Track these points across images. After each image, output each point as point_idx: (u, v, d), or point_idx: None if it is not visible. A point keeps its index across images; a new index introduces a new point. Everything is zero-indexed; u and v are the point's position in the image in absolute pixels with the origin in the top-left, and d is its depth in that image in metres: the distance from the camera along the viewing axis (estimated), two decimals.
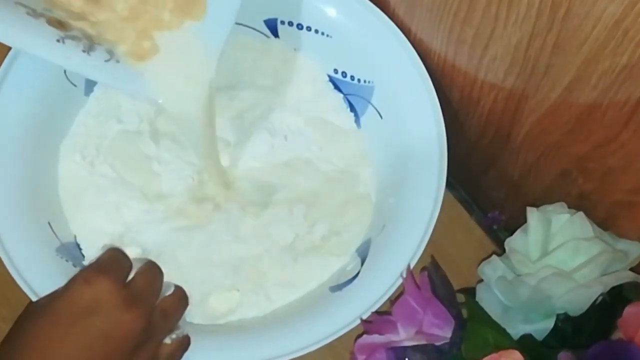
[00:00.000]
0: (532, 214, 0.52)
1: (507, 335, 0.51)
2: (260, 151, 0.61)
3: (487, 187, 0.67)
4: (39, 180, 0.58)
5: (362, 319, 0.52)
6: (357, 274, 0.55)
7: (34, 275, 0.53)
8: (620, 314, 0.46)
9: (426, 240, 0.54)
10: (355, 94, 0.62)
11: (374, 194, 0.60)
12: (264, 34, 0.63)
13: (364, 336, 0.52)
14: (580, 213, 0.52)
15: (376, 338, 0.52)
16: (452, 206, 0.61)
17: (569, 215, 0.52)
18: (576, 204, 0.53)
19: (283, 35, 0.63)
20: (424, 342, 0.50)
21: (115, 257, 0.48)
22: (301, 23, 0.61)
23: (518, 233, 0.53)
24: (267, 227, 0.58)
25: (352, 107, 0.63)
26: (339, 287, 0.56)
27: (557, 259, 0.51)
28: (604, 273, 0.50)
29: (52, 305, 0.45)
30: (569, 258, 0.50)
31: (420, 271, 0.53)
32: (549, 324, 0.51)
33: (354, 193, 0.60)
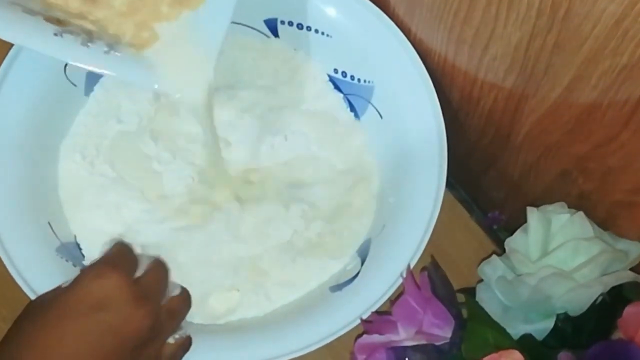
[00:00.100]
0: (532, 213, 0.52)
1: (507, 335, 0.51)
2: (260, 151, 0.61)
3: (487, 187, 0.67)
4: (39, 180, 0.58)
5: (362, 319, 0.52)
6: (357, 274, 0.55)
7: (34, 275, 0.53)
8: (620, 314, 0.46)
9: (426, 240, 0.54)
10: (355, 93, 0.62)
11: (374, 194, 0.60)
12: (264, 33, 0.63)
13: (364, 336, 0.52)
14: (580, 213, 0.52)
15: (376, 338, 0.52)
16: (452, 206, 0.61)
17: (569, 215, 0.52)
18: (576, 203, 0.53)
19: (283, 35, 0.63)
20: (424, 342, 0.50)
21: (124, 251, 0.47)
22: (301, 23, 0.61)
23: (518, 233, 0.53)
24: (267, 227, 0.58)
25: (352, 107, 0.63)
26: (339, 287, 0.56)
27: (557, 258, 0.51)
28: (604, 273, 0.50)
29: (60, 299, 0.44)
30: (569, 258, 0.50)
31: (420, 271, 0.53)
32: (549, 324, 0.51)
33: (353, 193, 0.60)
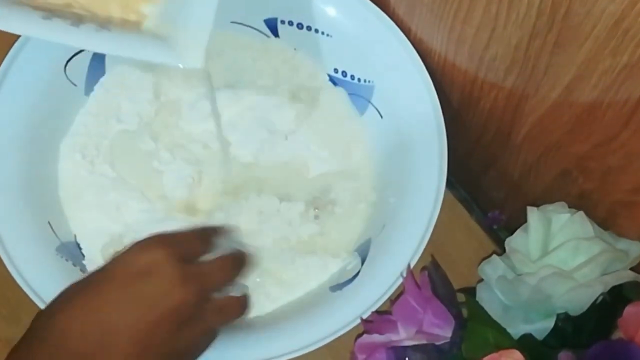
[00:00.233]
0: (533, 213, 0.52)
1: (508, 334, 0.51)
2: (261, 150, 0.61)
3: (487, 186, 0.67)
4: (39, 179, 0.58)
5: (362, 319, 0.52)
6: (357, 274, 0.55)
7: (34, 274, 0.53)
8: (620, 313, 0.46)
9: (426, 239, 0.54)
10: (356, 93, 0.62)
11: (374, 194, 0.60)
12: (264, 33, 0.63)
13: (364, 336, 0.52)
14: (581, 212, 0.52)
15: (376, 338, 0.51)
16: (452, 206, 0.62)
17: (569, 214, 0.52)
18: (576, 203, 0.53)
19: (283, 35, 0.63)
20: (424, 342, 0.50)
21: (185, 233, 0.49)
22: (301, 22, 0.61)
23: (518, 232, 0.53)
24: (267, 226, 0.58)
25: (352, 107, 0.63)
26: (339, 286, 0.56)
27: (557, 258, 0.50)
28: (605, 272, 0.50)
29: (106, 267, 0.46)
30: (570, 257, 0.50)
31: (421, 271, 0.53)
32: (549, 324, 0.51)
33: (353, 192, 0.60)
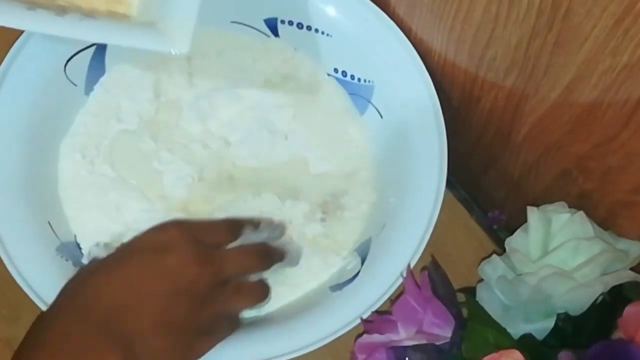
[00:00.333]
0: (533, 213, 0.52)
1: (508, 334, 0.51)
2: (261, 150, 0.61)
3: (487, 186, 0.67)
4: (39, 179, 0.58)
5: (362, 319, 0.52)
6: (357, 274, 0.55)
7: (34, 274, 0.53)
8: (620, 313, 0.46)
9: (426, 239, 0.54)
10: (356, 93, 0.62)
11: (374, 194, 0.60)
12: (264, 33, 0.63)
13: (364, 336, 0.52)
14: (581, 212, 0.52)
15: (376, 338, 0.51)
16: (452, 206, 0.61)
17: (569, 214, 0.52)
18: (576, 203, 0.53)
19: (283, 35, 0.63)
20: (424, 342, 0.50)
21: (207, 221, 0.52)
22: (301, 22, 0.61)
23: (518, 232, 0.53)
24: None
25: (352, 106, 0.63)
26: (339, 286, 0.56)
27: (557, 258, 0.50)
28: (605, 272, 0.50)
29: (126, 244, 0.49)
30: (570, 257, 0.50)
31: (421, 271, 0.53)
32: (549, 324, 0.51)
33: (353, 192, 0.60)
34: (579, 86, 0.47)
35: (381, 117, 0.61)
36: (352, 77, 0.62)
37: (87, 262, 0.54)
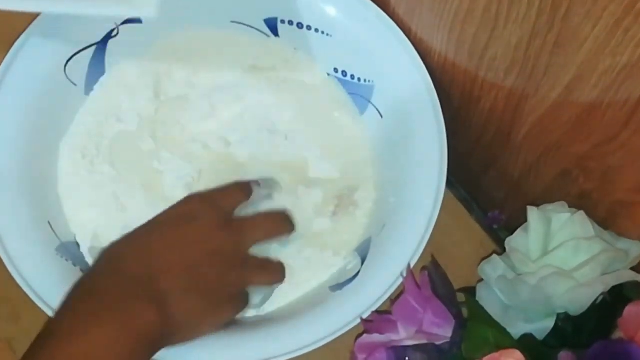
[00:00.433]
0: (533, 213, 0.52)
1: (508, 334, 0.51)
2: (261, 150, 0.61)
3: (487, 186, 0.67)
4: (39, 179, 0.58)
5: (363, 319, 0.52)
6: (357, 273, 0.55)
7: (34, 274, 0.53)
8: (620, 313, 0.46)
9: (426, 239, 0.54)
10: (356, 93, 0.62)
11: (374, 193, 0.60)
12: (264, 33, 0.63)
13: (364, 335, 0.52)
14: (581, 212, 0.52)
15: (376, 337, 0.52)
16: (452, 205, 0.61)
17: (569, 214, 0.52)
18: (576, 203, 0.53)
19: (283, 35, 0.63)
20: (425, 342, 0.50)
21: (223, 187, 0.55)
22: (301, 22, 0.61)
23: (518, 232, 0.53)
24: None
25: (352, 106, 0.63)
26: (339, 286, 0.56)
27: (557, 258, 0.50)
28: (605, 272, 0.50)
29: (156, 216, 0.51)
30: (570, 257, 0.50)
31: (421, 270, 0.53)
32: (549, 324, 0.51)
33: (353, 192, 0.60)
34: (579, 86, 0.47)
35: (381, 116, 0.61)
36: (352, 77, 0.62)
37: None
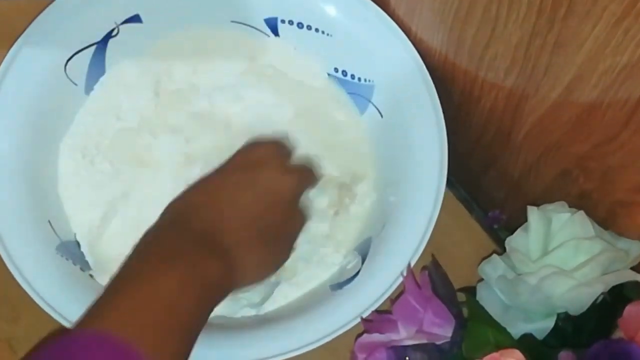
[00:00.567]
0: (533, 213, 0.52)
1: (508, 334, 0.51)
2: None
3: (487, 186, 0.67)
4: (39, 178, 0.58)
5: (363, 318, 0.52)
6: (357, 273, 0.55)
7: (34, 273, 0.53)
8: (620, 313, 0.46)
9: (427, 239, 0.54)
10: (356, 92, 0.62)
11: (375, 193, 0.60)
12: (265, 32, 0.63)
13: (365, 335, 0.52)
14: (581, 212, 0.52)
15: (376, 337, 0.52)
16: (452, 205, 0.62)
17: (569, 214, 0.52)
18: (577, 203, 0.53)
19: (283, 34, 0.63)
20: (425, 341, 0.50)
21: (281, 138, 0.56)
22: (301, 22, 0.61)
23: (518, 232, 0.53)
24: None
25: (352, 106, 0.63)
26: (339, 285, 0.56)
27: (557, 258, 0.51)
28: (605, 272, 0.50)
29: (226, 161, 0.52)
30: (570, 257, 0.50)
31: (421, 270, 0.53)
32: (549, 323, 0.51)
33: (354, 191, 0.60)
34: (579, 86, 0.47)
35: (381, 116, 0.61)
36: (353, 76, 0.62)
37: None
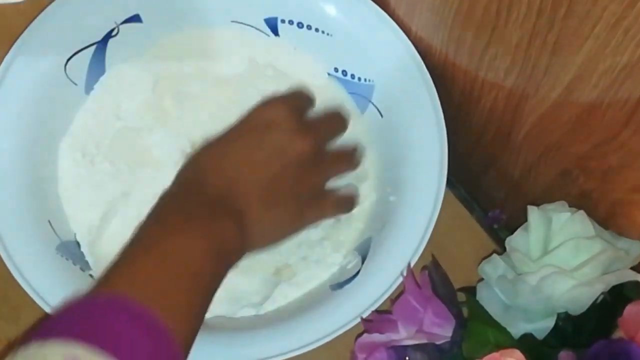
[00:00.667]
0: (533, 212, 0.52)
1: (508, 334, 0.51)
2: None
3: (487, 186, 0.67)
4: (39, 178, 0.58)
5: (363, 318, 0.52)
6: (357, 273, 0.55)
7: (34, 273, 0.53)
8: (621, 313, 0.46)
9: (427, 238, 0.54)
10: (356, 92, 0.62)
11: (375, 193, 0.60)
12: (265, 32, 0.63)
13: (365, 335, 0.52)
14: (581, 212, 0.52)
15: (376, 337, 0.52)
16: (452, 205, 0.61)
17: (569, 214, 0.52)
18: (577, 203, 0.53)
19: (283, 34, 0.63)
20: (425, 341, 0.50)
21: (297, 92, 0.55)
22: (302, 22, 0.61)
23: (519, 232, 0.53)
24: None
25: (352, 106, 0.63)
26: (339, 285, 0.56)
27: (557, 257, 0.50)
28: (605, 272, 0.50)
29: (237, 122, 0.52)
30: (570, 257, 0.50)
31: (421, 270, 0.53)
32: (549, 323, 0.51)
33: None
34: (579, 86, 0.47)
35: (381, 116, 0.61)
36: (353, 76, 0.62)
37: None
